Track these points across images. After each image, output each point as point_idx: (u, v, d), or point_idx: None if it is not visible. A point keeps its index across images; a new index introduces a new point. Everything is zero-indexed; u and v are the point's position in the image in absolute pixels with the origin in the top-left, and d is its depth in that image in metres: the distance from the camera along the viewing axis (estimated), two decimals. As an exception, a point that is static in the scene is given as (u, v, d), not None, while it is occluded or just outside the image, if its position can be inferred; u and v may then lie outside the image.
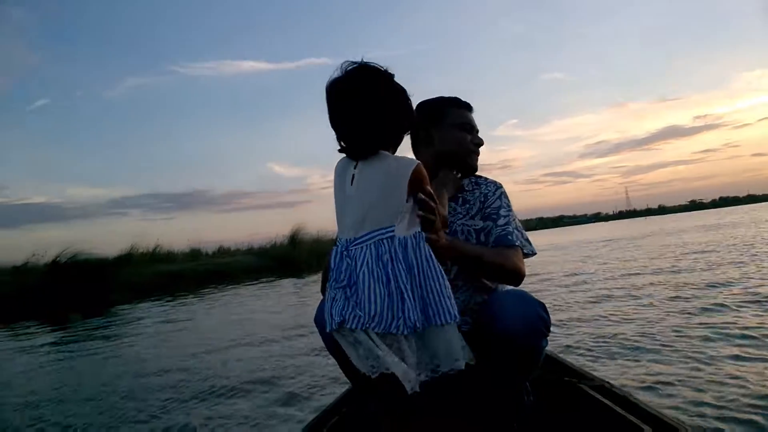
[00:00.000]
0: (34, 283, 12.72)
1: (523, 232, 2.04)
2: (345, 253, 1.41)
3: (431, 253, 1.37)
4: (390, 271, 1.33)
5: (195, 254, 25.22)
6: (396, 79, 1.44)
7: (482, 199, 2.02)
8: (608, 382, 2.04)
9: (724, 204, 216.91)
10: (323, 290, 1.65)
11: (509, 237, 1.90)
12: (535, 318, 1.62)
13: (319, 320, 1.69)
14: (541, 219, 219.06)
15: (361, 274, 1.34)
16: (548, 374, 2.18)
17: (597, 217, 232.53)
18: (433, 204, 1.42)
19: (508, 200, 2.03)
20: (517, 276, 1.84)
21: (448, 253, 1.58)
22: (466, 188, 2.08)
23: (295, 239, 24.83)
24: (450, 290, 1.36)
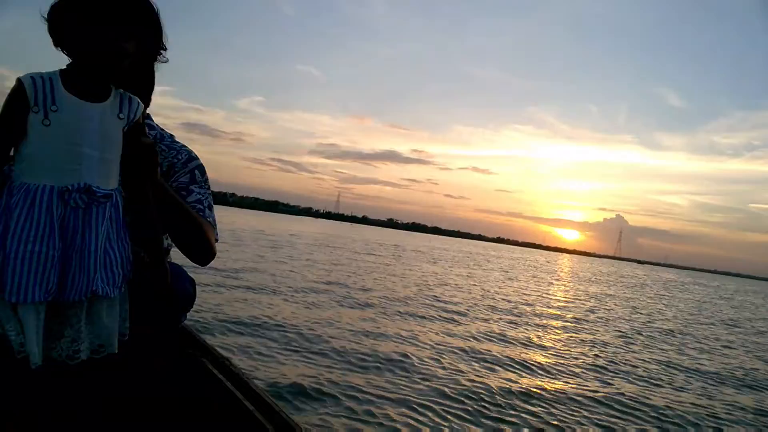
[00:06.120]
0: None
1: (215, 216, 1.77)
2: None
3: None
4: None
5: None
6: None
7: (166, 170, 1.65)
8: (229, 360, 1.92)
9: (415, 229, 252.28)
10: None
11: (202, 213, 1.64)
12: (182, 291, 1.58)
13: None
14: (257, 199, 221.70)
15: None
16: (175, 345, 1.97)
17: (308, 212, 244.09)
18: None
19: (204, 176, 1.73)
20: (211, 252, 1.62)
21: (158, 190, 1.38)
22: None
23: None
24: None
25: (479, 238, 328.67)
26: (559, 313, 12.69)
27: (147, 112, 1.54)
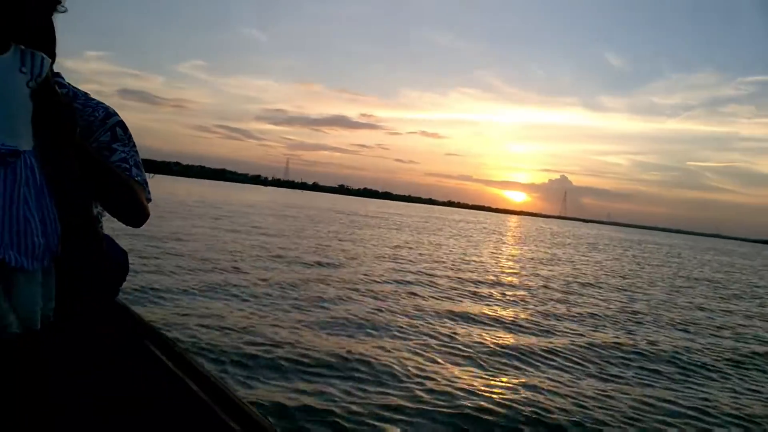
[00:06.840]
0: None
1: (145, 175, 1.60)
2: None
3: None
4: None
5: None
6: None
7: (83, 130, 1.42)
8: (170, 338, 1.88)
9: (366, 194, 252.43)
10: None
11: (128, 173, 1.47)
12: (115, 264, 1.56)
13: None
14: (203, 168, 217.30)
15: None
16: (110, 319, 1.88)
17: (257, 180, 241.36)
18: None
19: (127, 133, 1.54)
20: (143, 212, 1.48)
21: (78, 152, 1.25)
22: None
23: None
24: None
25: (430, 202, 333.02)
26: (551, 276, 11.84)
27: (57, 71, 1.36)
